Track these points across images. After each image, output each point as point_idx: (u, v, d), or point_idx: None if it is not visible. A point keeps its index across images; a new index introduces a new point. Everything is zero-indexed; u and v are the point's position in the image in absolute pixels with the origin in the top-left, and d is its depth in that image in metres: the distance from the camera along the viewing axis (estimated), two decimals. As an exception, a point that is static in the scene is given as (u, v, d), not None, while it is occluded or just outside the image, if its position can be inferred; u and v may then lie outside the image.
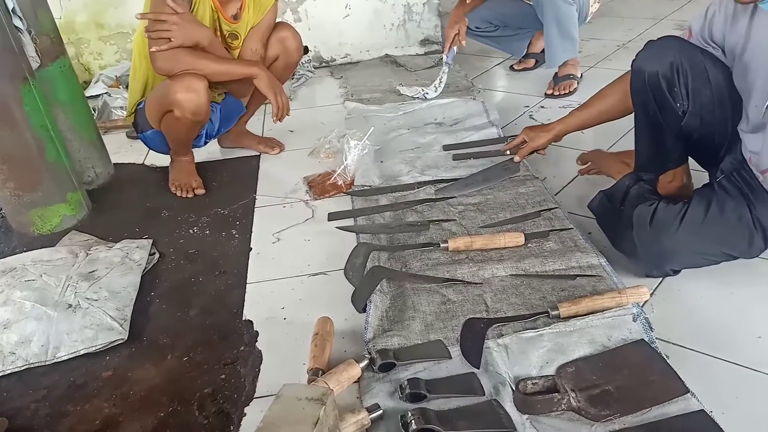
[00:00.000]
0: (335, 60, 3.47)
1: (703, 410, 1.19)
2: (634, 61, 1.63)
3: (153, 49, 1.99)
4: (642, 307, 1.46)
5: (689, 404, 1.21)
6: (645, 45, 1.62)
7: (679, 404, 1.21)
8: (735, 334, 1.40)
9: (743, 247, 1.52)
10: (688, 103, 1.55)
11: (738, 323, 1.43)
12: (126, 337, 1.58)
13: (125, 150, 2.69)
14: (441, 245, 1.74)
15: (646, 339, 1.37)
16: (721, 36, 1.51)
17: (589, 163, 2.05)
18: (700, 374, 1.29)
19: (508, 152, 2.13)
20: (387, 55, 3.44)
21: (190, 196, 2.26)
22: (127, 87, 2.70)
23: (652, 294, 1.53)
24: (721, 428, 1.15)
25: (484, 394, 1.29)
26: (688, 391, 1.23)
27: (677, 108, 1.56)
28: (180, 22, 1.97)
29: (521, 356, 1.36)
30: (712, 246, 1.53)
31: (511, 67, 3.15)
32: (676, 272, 1.58)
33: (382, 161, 2.29)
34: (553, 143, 2.02)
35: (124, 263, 1.83)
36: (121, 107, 2.99)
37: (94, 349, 1.55)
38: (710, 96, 1.54)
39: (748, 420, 1.19)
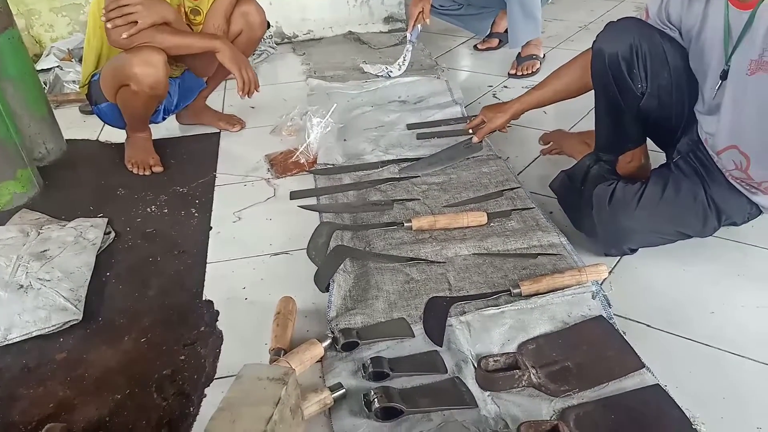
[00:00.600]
0: (297, 36, 3.40)
1: (658, 384, 1.22)
2: (594, 42, 1.64)
3: (124, 35, 1.90)
4: (601, 284, 1.48)
5: (645, 379, 1.24)
6: (605, 26, 1.63)
7: (635, 379, 1.24)
8: (689, 310, 1.44)
9: (698, 226, 1.56)
10: (647, 85, 1.57)
11: (692, 300, 1.47)
12: (80, 318, 1.53)
13: (78, 125, 2.59)
14: (404, 224, 1.73)
15: (605, 315, 1.39)
16: (677, 18, 1.53)
17: (551, 143, 2.06)
18: (655, 349, 1.32)
19: (470, 131, 2.13)
20: (350, 32, 3.40)
21: (147, 173, 2.19)
22: (80, 60, 2.61)
23: (610, 272, 1.56)
24: (675, 401, 1.18)
25: (447, 372, 1.30)
26: (643, 366, 1.26)
27: (636, 89, 1.58)
28: (144, 1, 1.89)
29: (483, 334, 1.37)
30: (668, 225, 1.56)
31: (475, 47, 3.14)
32: (633, 251, 1.61)
33: (345, 139, 2.27)
34: (514, 123, 2.03)
35: (77, 242, 1.78)
36: (74, 81, 2.88)
37: (47, 330, 1.51)
38: (668, 78, 1.56)
39: (700, 393, 1.22)
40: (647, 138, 1.77)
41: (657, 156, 1.83)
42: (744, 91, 1.39)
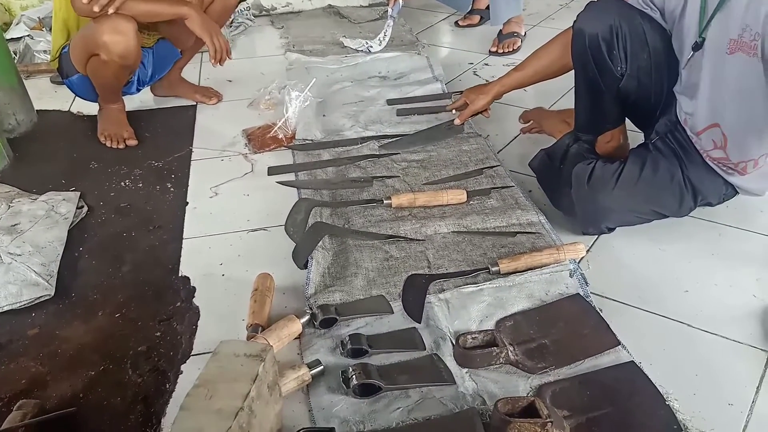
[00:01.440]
0: (276, 9, 3.33)
1: (632, 361, 1.24)
2: (575, 22, 1.63)
3: (95, 8, 1.82)
4: (578, 263, 1.49)
5: (620, 356, 1.26)
6: (586, 6, 1.62)
7: (611, 356, 1.26)
8: (664, 288, 1.46)
9: (674, 206, 1.58)
10: (626, 66, 1.57)
11: (667, 278, 1.49)
12: (53, 293, 1.51)
13: (49, 96, 2.52)
14: (384, 202, 1.72)
15: (582, 293, 1.41)
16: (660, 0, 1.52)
17: (531, 121, 2.06)
18: (630, 327, 1.34)
19: (454, 111, 2.13)
20: (330, 6, 3.33)
21: (121, 147, 2.14)
22: (50, 30, 2.51)
23: (588, 251, 1.57)
24: (649, 378, 1.20)
25: (425, 349, 1.30)
26: (619, 343, 1.28)
27: (616, 70, 1.58)
28: None
29: (462, 311, 1.37)
30: (645, 204, 1.58)
31: (456, 23, 3.11)
32: (611, 230, 1.62)
33: (324, 115, 2.24)
34: (495, 101, 2.03)
35: (49, 216, 1.73)
36: (45, 51, 2.79)
37: (18, 305, 1.47)
38: (647, 59, 1.56)
39: (673, 370, 1.24)
40: (626, 118, 1.77)
41: (636, 136, 1.84)
42: (722, 70, 1.40)
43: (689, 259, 1.54)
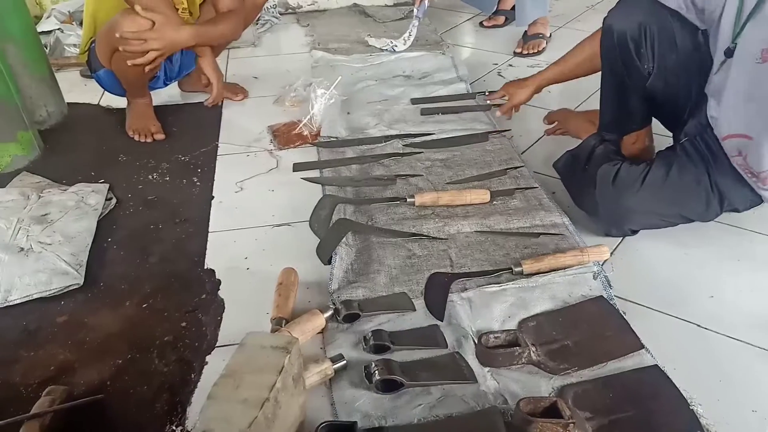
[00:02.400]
0: (302, 7, 3.36)
1: (656, 365, 1.23)
2: (605, 19, 1.62)
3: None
4: (602, 265, 1.49)
5: (643, 359, 1.25)
6: (617, 3, 1.61)
7: (634, 359, 1.25)
8: (688, 292, 1.45)
9: (700, 210, 1.56)
10: (654, 65, 1.56)
11: (691, 283, 1.48)
12: (81, 282, 1.53)
13: (79, 89, 2.57)
14: (407, 200, 1.73)
15: (605, 296, 1.40)
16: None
17: (556, 122, 2.05)
18: (654, 331, 1.33)
19: (488, 102, 2.13)
20: (355, 5, 3.35)
21: (148, 141, 2.18)
22: (80, 24, 2.56)
23: (612, 253, 1.56)
24: (672, 382, 1.19)
25: (447, 347, 1.31)
26: (642, 346, 1.27)
27: (643, 69, 1.57)
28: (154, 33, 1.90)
29: (484, 310, 1.37)
30: (670, 207, 1.56)
31: (481, 24, 3.11)
32: (634, 232, 1.62)
33: (349, 113, 2.25)
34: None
35: (78, 207, 1.77)
36: (75, 45, 2.84)
37: (48, 293, 1.50)
38: (675, 60, 1.55)
39: (697, 375, 1.23)
40: (653, 119, 1.76)
41: (661, 139, 1.83)
42: (752, 79, 1.37)
43: (714, 263, 1.53)
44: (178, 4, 2.12)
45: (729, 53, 1.42)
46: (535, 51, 2.74)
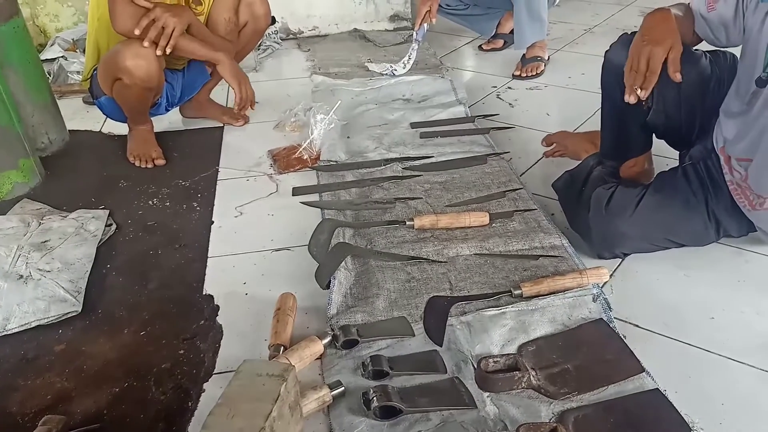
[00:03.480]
0: (303, 32, 3.40)
1: (657, 389, 1.22)
2: (606, 51, 1.64)
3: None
4: (602, 287, 1.48)
5: (644, 383, 1.24)
6: (619, 37, 1.62)
7: (635, 383, 1.24)
8: (689, 315, 1.44)
9: (695, 237, 1.56)
10: (653, 101, 1.55)
11: (692, 305, 1.47)
12: (80, 310, 1.53)
13: (81, 116, 2.59)
14: (407, 223, 1.73)
15: (605, 319, 1.39)
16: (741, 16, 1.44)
17: (554, 144, 2.06)
18: (655, 353, 1.32)
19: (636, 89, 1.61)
20: (356, 30, 3.39)
21: (149, 166, 2.19)
22: (84, 51, 2.59)
23: (611, 275, 1.56)
24: (674, 406, 1.18)
25: (446, 372, 1.30)
26: (643, 370, 1.26)
27: (642, 105, 1.54)
28: (169, 9, 1.93)
29: (483, 334, 1.37)
30: (662, 233, 1.55)
31: (480, 47, 3.13)
32: (626, 255, 1.61)
33: (348, 137, 2.26)
34: (517, 124, 2.03)
35: (78, 234, 1.77)
36: (78, 72, 2.87)
37: (46, 321, 1.50)
38: (676, 95, 1.54)
39: (699, 398, 1.22)
40: (660, 139, 1.75)
41: (660, 161, 1.83)
42: None
43: (715, 285, 1.52)
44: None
45: (762, 83, 1.37)
46: (534, 73, 2.76)
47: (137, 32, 1.91)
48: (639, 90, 1.46)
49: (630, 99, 1.48)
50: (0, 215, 1.89)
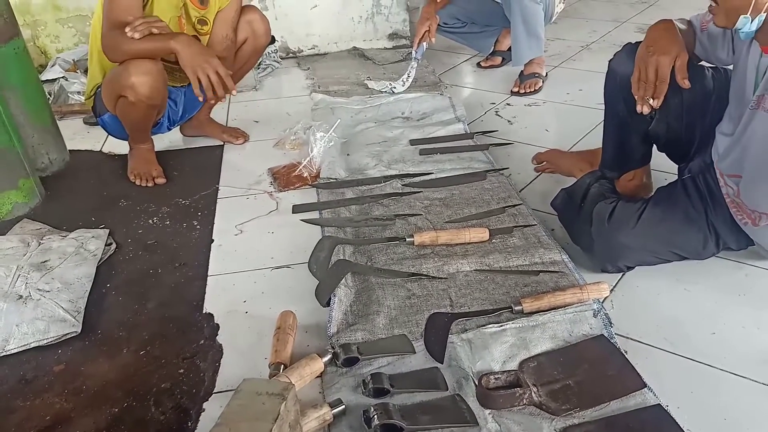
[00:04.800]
0: (302, 51, 3.42)
1: (659, 404, 1.21)
2: (610, 61, 1.65)
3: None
4: (602, 303, 1.48)
5: (646, 398, 1.23)
6: (623, 46, 1.63)
7: (637, 398, 1.24)
8: (690, 330, 1.43)
9: (696, 249, 1.55)
10: (656, 110, 1.56)
11: (693, 319, 1.46)
12: (79, 330, 1.53)
13: (82, 136, 2.60)
14: (407, 239, 1.73)
15: (606, 334, 1.39)
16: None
17: (545, 162, 2.06)
18: (656, 369, 1.31)
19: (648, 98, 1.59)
20: (355, 48, 3.42)
21: (149, 185, 2.20)
22: (85, 72, 2.62)
23: (611, 290, 1.55)
24: (676, 422, 1.17)
25: (447, 389, 1.29)
26: (645, 385, 1.25)
27: (653, 114, 1.55)
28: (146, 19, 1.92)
29: (484, 351, 1.36)
30: (664, 246, 1.55)
31: (478, 64, 3.16)
32: (629, 268, 1.61)
33: (348, 154, 2.27)
34: (516, 140, 2.03)
35: (78, 253, 1.77)
36: (79, 92, 2.89)
37: (45, 341, 1.50)
38: (678, 105, 1.55)
39: (701, 413, 1.21)
40: (661, 152, 1.75)
41: (659, 176, 1.84)
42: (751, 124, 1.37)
43: (716, 299, 1.52)
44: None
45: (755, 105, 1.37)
46: (532, 90, 2.78)
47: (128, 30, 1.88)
48: (651, 100, 1.48)
49: (643, 110, 1.50)
50: (0, 236, 1.89)
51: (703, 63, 1.58)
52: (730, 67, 1.52)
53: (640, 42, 1.53)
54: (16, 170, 2.04)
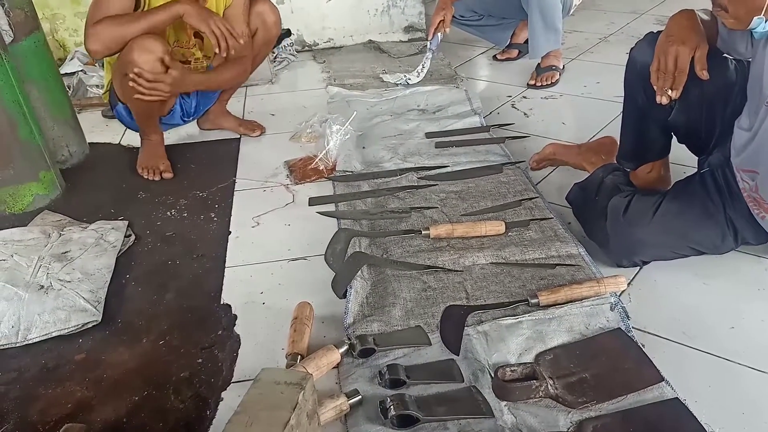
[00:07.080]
0: (318, 44, 3.43)
1: (677, 398, 1.21)
2: (632, 49, 1.63)
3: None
4: (619, 296, 1.47)
5: (664, 392, 1.23)
6: (644, 35, 1.61)
7: (654, 392, 1.23)
8: (708, 324, 1.42)
9: (713, 244, 1.54)
10: (676, 100, 1.54)
11: (711, 314, 1.45)
12: (99, 320, 1.55)
13: (101, 129, 2.63)
14: (422, 232, 1.73)
15: (623, 328, 1.38)
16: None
17: (545, 162, 2.05)
18: (674, 363, 1.31)
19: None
20: (370, 41, 3.41)
21: (156, 179, 2.20)
22: (103, 65, 2.63)
23: (629, 284, 1.55)
24: (694, 415, 1.17)
25: (463, 381, 1.29)
26: (663, 379, 1.25)
27: (672, 104, 1.53)
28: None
29: (500, 343, 1.36)
30: (681, 240, 1.54)
31: (495, 57, 3.14)
32: (645, 263, 1.59)
33: (364, 147, 2.28)
34: (532, 133, 2.02)
35: (98, 245, 1.80)
36: (97, 85, 2.92)
37: (66, 331, 1.52)
38: (699, 96, 1.53)
39: (719, 407, 1.21)
40: (681, 144, 1.73)
41: (677, 169, 1.82)
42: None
43: (734, 293, 1.51)
44: (190, 56, 2.19)
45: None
46: (549, 83, 2.76)
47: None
48: (670, 90, 1.46)
49: (662, 100, 1.48)
50: (21, 227, 1.92)
51: (726, 55, 1.56)
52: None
53: (662, 31, 1.52)
54: (37, 162, 2.07)
